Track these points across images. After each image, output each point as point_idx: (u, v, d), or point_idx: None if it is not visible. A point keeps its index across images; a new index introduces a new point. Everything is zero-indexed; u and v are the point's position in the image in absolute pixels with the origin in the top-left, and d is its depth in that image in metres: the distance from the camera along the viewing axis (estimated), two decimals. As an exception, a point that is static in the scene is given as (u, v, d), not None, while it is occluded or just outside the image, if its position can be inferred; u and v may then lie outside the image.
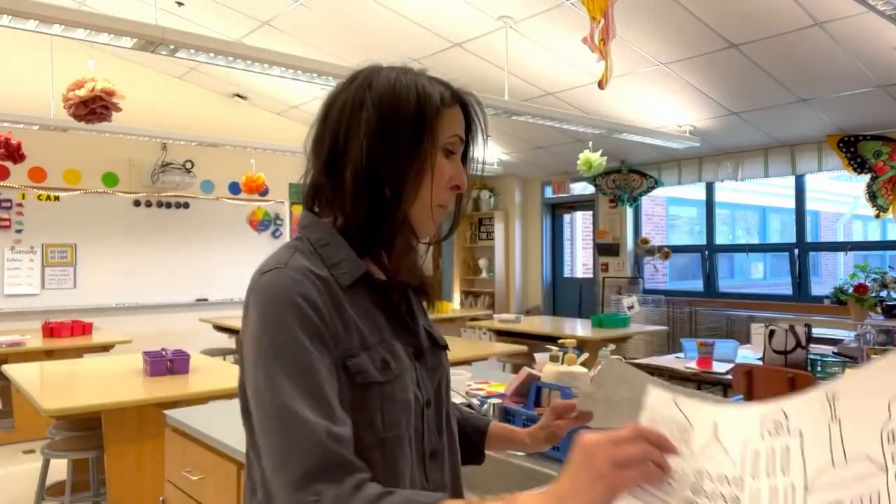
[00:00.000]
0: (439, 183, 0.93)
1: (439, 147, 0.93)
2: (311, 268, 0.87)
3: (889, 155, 5.57)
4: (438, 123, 0.93)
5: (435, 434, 0.97)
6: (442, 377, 1.01)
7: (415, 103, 0.92)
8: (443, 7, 4.61)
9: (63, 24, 3.14)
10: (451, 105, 0.95)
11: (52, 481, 3.51)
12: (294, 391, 0.80)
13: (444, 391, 1.01)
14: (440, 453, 0.98)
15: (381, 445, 0.88)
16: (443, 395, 1.01)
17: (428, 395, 0.96)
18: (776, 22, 4.21)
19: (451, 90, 0.97)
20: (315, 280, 0.86)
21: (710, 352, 3.99)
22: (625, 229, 7.79)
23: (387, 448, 0.88)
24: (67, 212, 6.57)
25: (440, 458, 0.98)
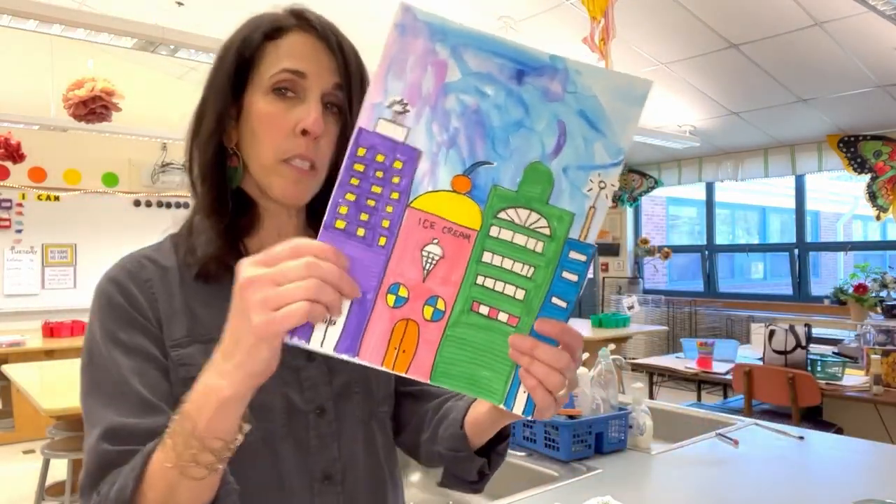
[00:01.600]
0: (273, 130, 0.75)
1: (262, 87, 0.76)
2: (152, 255, 0.79)
3: (889, 155, 5.57)
4: (258, 60, 0.77)
5: (332, 450, 0.80)
6: (354, 381, 0.83)
7: (232, 45, 0.79)
8: (443, 7, 4.61)
9: (63, 24, 3.14)
10: (279, 36, 0.77)
11: (52, 481, 3.50)
12: (86, 382, 0.72)
13: (356, 398, 0.83)
14: (338, 476, 0.80)
15: None
16: (354, 403, 0.83)
17: (319, 401, 0.79)
18: (776, 22, 4.21)
19: (284, 17, 0.79)
20: (142, 265, 0.77)
21: (710, 352, 3.99)
22: (625, 229, 7.79)
23: (233, 460, 0.69)
24: (67, 212, 6.56)
25: (337, 481, 0.80)
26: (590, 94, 0.56)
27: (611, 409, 1.89)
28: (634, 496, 1.54)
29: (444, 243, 0.57)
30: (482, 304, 0.58)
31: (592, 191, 0.57)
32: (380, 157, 0.55)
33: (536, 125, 0.56)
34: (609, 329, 5.48)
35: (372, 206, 0.56)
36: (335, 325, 0.56)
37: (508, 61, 0.55)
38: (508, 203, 0.57)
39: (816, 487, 1.63)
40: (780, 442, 1.98)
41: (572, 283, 0.58)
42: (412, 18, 0.54)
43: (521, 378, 0.60)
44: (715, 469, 1.75)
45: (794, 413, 3.40)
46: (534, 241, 0.58)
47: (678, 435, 2.11)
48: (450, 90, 0.55)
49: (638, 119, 0.57)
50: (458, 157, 0.55)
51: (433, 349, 0.58)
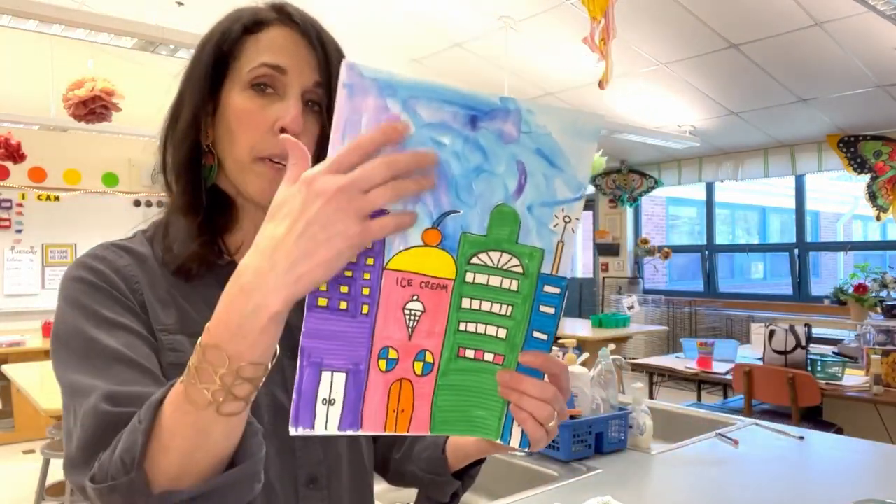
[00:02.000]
0: (250, 127, 0.72)
1: (240, 82, 0.74)
2: (124, 244, 0.76)
3: (889, 155, 5.57)
4: (237, 53, 0.74)
5: (317, 452, 0.78)
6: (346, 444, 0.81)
7: (211, 38, 0.76)
8: (443, 7, 4.61)
9: (63, 24, 3.14)
10: (259, 29, 0.75)
11: (52, 481, 3.50)
12: (70, 360, 0.66)
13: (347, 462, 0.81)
14: (322, 479, 0.78)
15: None
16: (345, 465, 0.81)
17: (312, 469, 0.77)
18: (776, 22, 4.21)
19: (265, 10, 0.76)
20: (118, 253, 0.74)
21: (710, 352, 3.99)
22: (625, 229, 7.79)
23: None
24: (67, 212, 6.56)
25: (322, 484, 0.78)
26: (544, 132, 0.56)
27: (611, 409, 1.89)
28: (634, 496, 1.54)
29: (424, 298, 0.57)
30: (467, 348, 0.59)
31: (558, 226, 0.58)
32: None
33: (496, 168, 0.56)
34: (609, 329, 5.48)
35: (350, 277, 0.54)
36: (335, 405, 0.55)
37: (460, 108, 0.55)
38: (479, 248, 0.57)
39: (816, 487, 1.63)
40: (780, 442, 1.98)
41: (550, 315, 0.60)
42: (359, 77, 0.52)
43: (513, 413, 0.61)
44: (715, 469, 1.75)
45: (794, 413, 3.40)
46: (508, 281, 0.59)
47: (678, 435, 2.11)
48: (407, 145, 0.54)
49: (593, 153, 0.59)
50: (424, 211, 0.55)
51: (428, 402, 0.59)
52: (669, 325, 7.00)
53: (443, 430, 0.60)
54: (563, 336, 2.05)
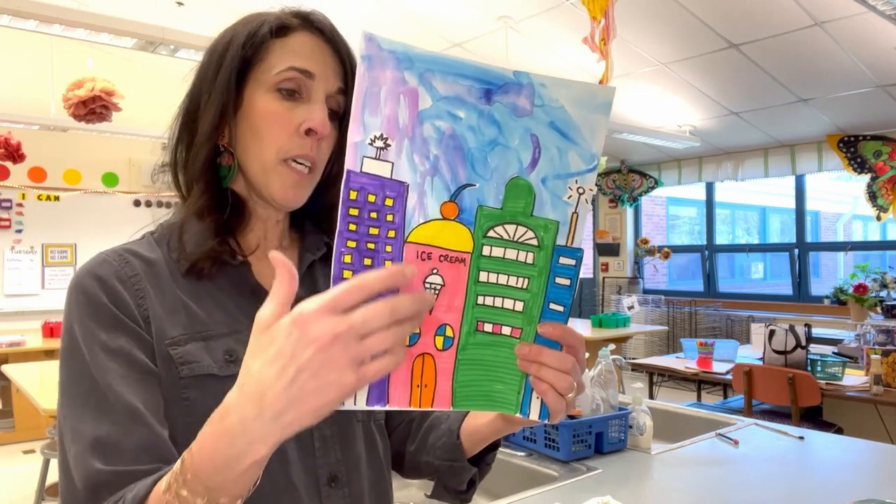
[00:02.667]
0: (276, 129, 0.73)
1: (266, 84, 0.74)
2: (133, 249, 0.75)
3: (889, 155, 5.57)
4: (262, 56, 0.75)
5: (336, 452, 0.78)
6: None
7: (235, 39, 0.76)
8: (443, 7, 4.61)
9: (63, 24, 3.14)
10: (286, 34, 0.75)
11: (52, 481, 3.50)
12: (66, 397, 0.67)
13: None
14: (343, 478, 0.78)
15: None
16: None
17: None
18: (776, 22, 4.21)
19: (290, 16, 0.77)
20: (125, 260, 0.73)
21: (710, 352, 3.99)
22: (625, 229, 7.79)
23: None
24: (67, 212, 6.57)
25: (343, 483, 0.78)
26: (557, 105, 0.57)
27: (611, 409, 1.89)
28: (634, 496, 1.54)
29: (443, 271, 0.57)
30: (486, 322, 0.60)
31: (572, 197, 0.59)
32: (371, 196, 0.55)
33: (511, 142, 0.57)
34: (609, 329, 5.48)
35: (373, 250, 0.55)
36: None
37: (475, 82, 0.56)
38: (495, 221, 0.58)
39: (816, 487, 1.63)
40: (780, 442, 1.98)
41: (566, 287, 0.61)
42: (377, 48, 0.53)
43: (533, 385, 0.62)
44: (715, 469, 1.75)
45: (793, 413, 3.40)
46: (524, 254, 0.59)
47: (678, 435, 2.11)
48: (424, 118, 0.55)
49: (606, 125, 0.59)
50: (442, 184, 0.56)
51: (450, 377, 0.59)
52: (669, 325, 7.00)
53: (464, 406, 0.60)
54: (563, 336, 2.05)
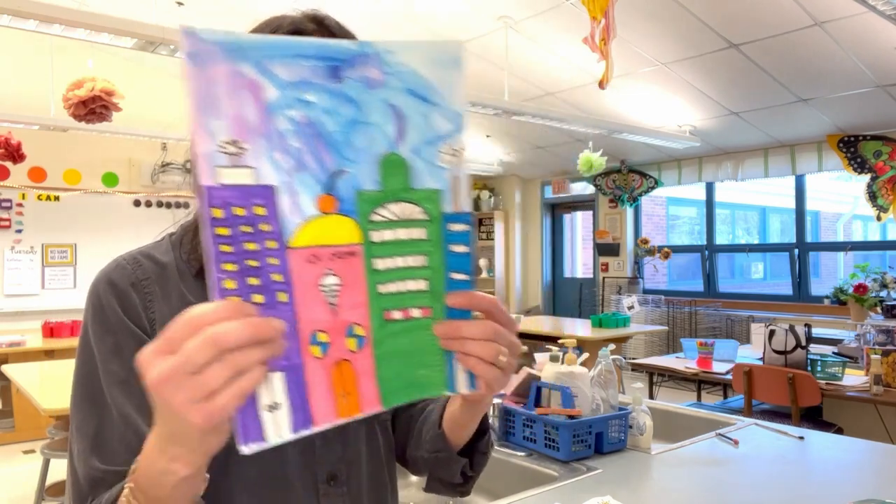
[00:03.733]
0: None
1: None
2: (149, 252, 0.77)
3: (889, 155, 5.57)
4: None
5: (336, 450, 0.79)
6: None
7: None
8: (443, 7, 4.61)
9: (63, 24, 3.14)
10: None
11: (52, 481, 3.50)
12: (76, 395, 0.71)
13: None
14: (342, 476, 0.79)
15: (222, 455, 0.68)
16: None
17: None
18: (776, 22, 4.21)
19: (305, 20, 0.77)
20: (139, 263, 0.75)
21: (710, 352, 3.99)
22: (625, 229, 7.79)
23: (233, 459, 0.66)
24: (67, 212, 6.57)
25: (342, 481, 0.79)
26: (408, 69, 0.54)
27: (611, 409, 1.89)
28: (634, 496, 1.54)
29: (337, 269, 0.53)
30: (393, 310, 0.56)
31: (448, 161, 0.56)
32: (239, 210, 0.49)
33: (371, 117, 0.54)
34: (609, 329, 5.48)
35: (256, 267, 0.49)
36: (280, 408, 0.50)
37: (318, 61, 0.51)
38: (377, 203, 0.55)
39: (816, 487, 1.63)
40: (780, 442, 1.98)
41: (463, 254, 0.58)
42: (201, 43, 0.47)
43: (461, 360, 0.59)
44: (715, 469, 1.75)
45: (794, 413, 3.41)
46: (415, 230, 0.56)
47: (678, 435, 2.11)
48: (274, 110, 0.50)
49: (462, 80, 0.56)
50: (312, 178, 0.52)
51: (372, 376, 0.55)
52: (669, 325, 7.00)
53: (394, 401, 0.56)
54: (563, 336, 2.05)
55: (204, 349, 0.46)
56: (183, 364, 0.46)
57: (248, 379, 0.47)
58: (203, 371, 0.46)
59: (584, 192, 8.34)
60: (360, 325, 0.54)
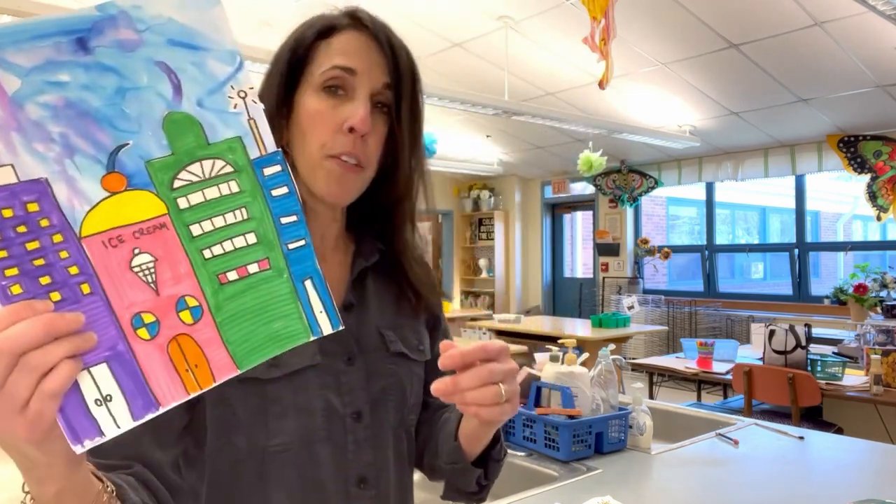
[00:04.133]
0: (320, 126, 0.75)
1: (313, 85, 0.76)
2: None
3: (889, 155, 5.57)
4: (310, 58, 0.77)
5: (368, 454, 0.80)
6: (390, 388, 0.83)
7: (286, 45, 0.80)
8: (443, 7, 4.61)
9: (63, 24, 3.14)
10: (331, 34, 0.78)
11: (53, 481, 3.50)
12: None
13: (390, 405, 0.83)
14: (372, 479, 0.81)
15: (260, 457, 0.75)
16: (388, 409, 0.83)
17: (356, 405, 0.79)
18: (776, 22, 4.21)
19: (340, 16, 0.79)
20: None
21: (710, 352, 3.99)
22: (625, 229, 7.80)
23: (271, 461, 0.75)
24: (67, 212, 6.57)
25: (372, 484, 0.81)
26: (163, 20, 0.50)
27: (611, 409, 1.89)
28: (634, 496, 1.54)
29: (147, 246, 0.50)
30: (227, 271, 0.53)
31: (238, 105, 0.52)
32: (6, 212, 0.46)
33: (139, 80, 0.49)
34: (609, 329, 5.48)
35: (45, 266, 0.47)
36: (114, 399, 0.49)
37: (60, 37, 0.47)
38: (174, 168, 0.51)
39: (816, 487, 1.63)
40: (780, 442, 1.98)
41: (286, 195, 0.54)
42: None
43: (464, 410, 0.63)
44: (715, 469, 1.75)
45: (794, 413, 3.41)
46: (224, 185, 0.52)
47: (678, 435, 2.11)
48: (22, 100, 0.47)
49: (223, 13, 0.52)
50: (89, 160, 0.48)
51: (220, 343, 0.53)
52: (669, 325, 7.00)
53: (253, 360, 0.54)
54: (563, 336, 2.05)
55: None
56: None
57: (56, 378, 0.45)
58: (6, 383, 0.44)
59: (584, 192, 8.34)
60: (192, 295, 0.52)
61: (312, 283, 0.55)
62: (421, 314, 0.90)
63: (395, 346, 0.84)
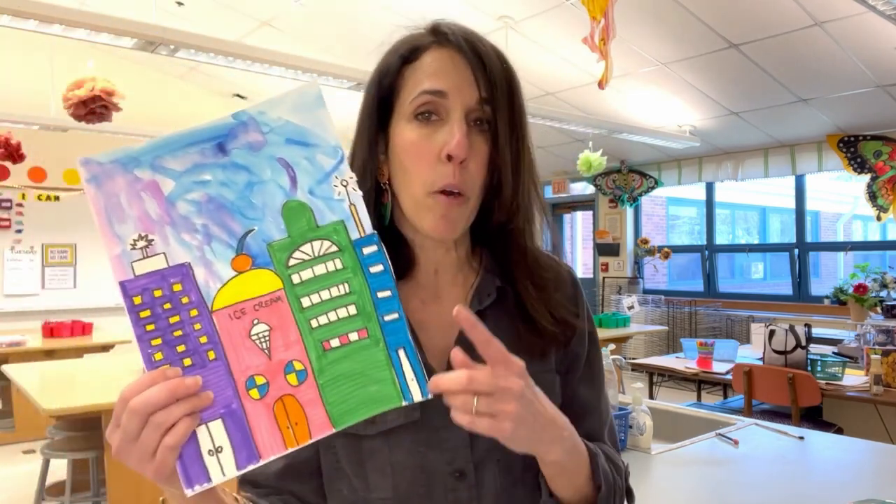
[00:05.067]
0: (419, 160, 0.70)
1: (405, 114, 0.72)
2: None
3: (889, 155, 5.57)
4: (399, 86, 0.73)
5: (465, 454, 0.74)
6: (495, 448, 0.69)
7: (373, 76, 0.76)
8: (443, 7, 4.61)
9: (63, 24, 3.14)
10: (416, 57, 0.74)
11: (52, 481, 3.50)
12: None
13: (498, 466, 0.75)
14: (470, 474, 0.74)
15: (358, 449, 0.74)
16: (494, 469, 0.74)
17: (458, 464, 0.73)
18: (776, 22, 4.21)
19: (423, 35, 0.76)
20: None
21: (710, 352, 3.98)
22: (625, 229, 7.79)
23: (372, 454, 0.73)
24: (67, 212, 6.57)
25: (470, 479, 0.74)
26: (282, 122, 0.60)
27: (611, 410, 1.89)
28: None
29: (264, 317, 0.59)
30: (330, 339, 0.60)
31: (341, 192, 0.61)
32: (157, 292, 0.57)
33: (264, 175, 0.59)
34: (609, 329, 5.48)
35: (182, 336, 0.57)
36: (224, 451, 0.57)
37: (203, 144, 0.58)
38: (290, 249, 0.60)
39: (816, 487, 1.63)
40: (780, 442, 1.98)
41: (381, 272, 0.61)
42: (97, 166, 0.57)
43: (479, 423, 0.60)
44: (715, 469, 1.75)
45: (794, 413, 3.40)
46: (331, 263, 0.60)
47: (678, 435, 2.11)
48: (175, 199, 0.57)
49: (328, 115, 0.61)
50: (222, 245, 0.58)
51: (319, 404, 0.59)
52: (669, 325, 6.99)
53: (348, 420, 0.60)
54: (563, 336, 2.05)
55: (131, 419, 0.55)
56: (124, 436, 0.55)
57: (174, 434, 0.55)
58: (140, 436, 0.55)
59: (584, 192, 8.34)
60: (299, 360, 0.59)
61: (405, 352, 0.61)
62: (550, 354, 0.79)
63: None
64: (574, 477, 0.71)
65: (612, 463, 0.78)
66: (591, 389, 0.84)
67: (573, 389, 0.82)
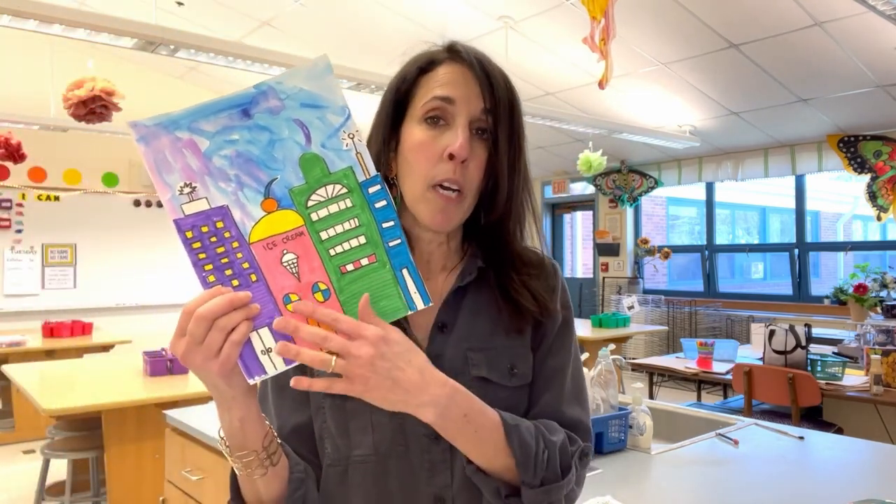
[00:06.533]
0: (423, 157, 0.80)
1: (416, 117, 0.82)
2: None
3: (889, 155, 5.57)
4: (413, 92, 0.84)
5: (444, 475, 0.82)
6: None
7: (392, 82, 0.87)
8: (443, 7, 4.61)
9: (63, 24, 3.14)
10: (432, 68, 0.84)
11: (52, 481, 3.50)
12: None
13: None
14: (448, 501, 0.82)
15: (344, 464, 0.84)
16: None
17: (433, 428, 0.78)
18: (776, 22, 4.21)
19: (440, 51, 0.86)
20: None
21: (710, 352, 3.99)
22: (625, 229, 7.79)
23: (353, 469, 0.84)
24: (67, 212, 6.57)
25: None
26: (297, 90, 0.70)
27: (611, 409, 1.89)
28: (634, 496, 1.54)
29: (292, 248, 0.71)
30: (346, 264, 0.72)
31: (349, 143, 0.72)
32: (204, 228, 0.70)
33: (283, 134, 0.71)
34: (609, 329, 5.48)
35: (228, 262, 0.70)
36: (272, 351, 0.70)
37: (231, 110, 0.70)
38: (307, 192, 0.71)
39: (816, 487, 1.63)
40: (780, 442, 1.98)
41: (384, 206, 0.73)
42: (144, 129, 0.69)
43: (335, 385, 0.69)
44: (715, 469, 1.75)
45: (794, 413, 3.40)
46: (342, 202, 0.72)
47: (678, 435, 2.11)
48: (210, 155, 0.70)
49: (335, 81, 0.71)
50: (252, 191, 0.71)
51: None
52: (669, 325, 7.00)
53: None
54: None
55: (198, 324, 0.66)
56: (191, 340, 0.66)
57: (237, 333, 0.67)
58: (205, 339, 0.66)
59: (584, 192, 8.34)
60: (322, 281, 0.72)
61: (408, 271, 0.73)
62: (527, 330, 0.88)
63: (476, 370, 0.83)
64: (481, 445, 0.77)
65: (542, 437, 0.81)
66: (555, 363, 0.90)
67: (540, 362, 0.89)
